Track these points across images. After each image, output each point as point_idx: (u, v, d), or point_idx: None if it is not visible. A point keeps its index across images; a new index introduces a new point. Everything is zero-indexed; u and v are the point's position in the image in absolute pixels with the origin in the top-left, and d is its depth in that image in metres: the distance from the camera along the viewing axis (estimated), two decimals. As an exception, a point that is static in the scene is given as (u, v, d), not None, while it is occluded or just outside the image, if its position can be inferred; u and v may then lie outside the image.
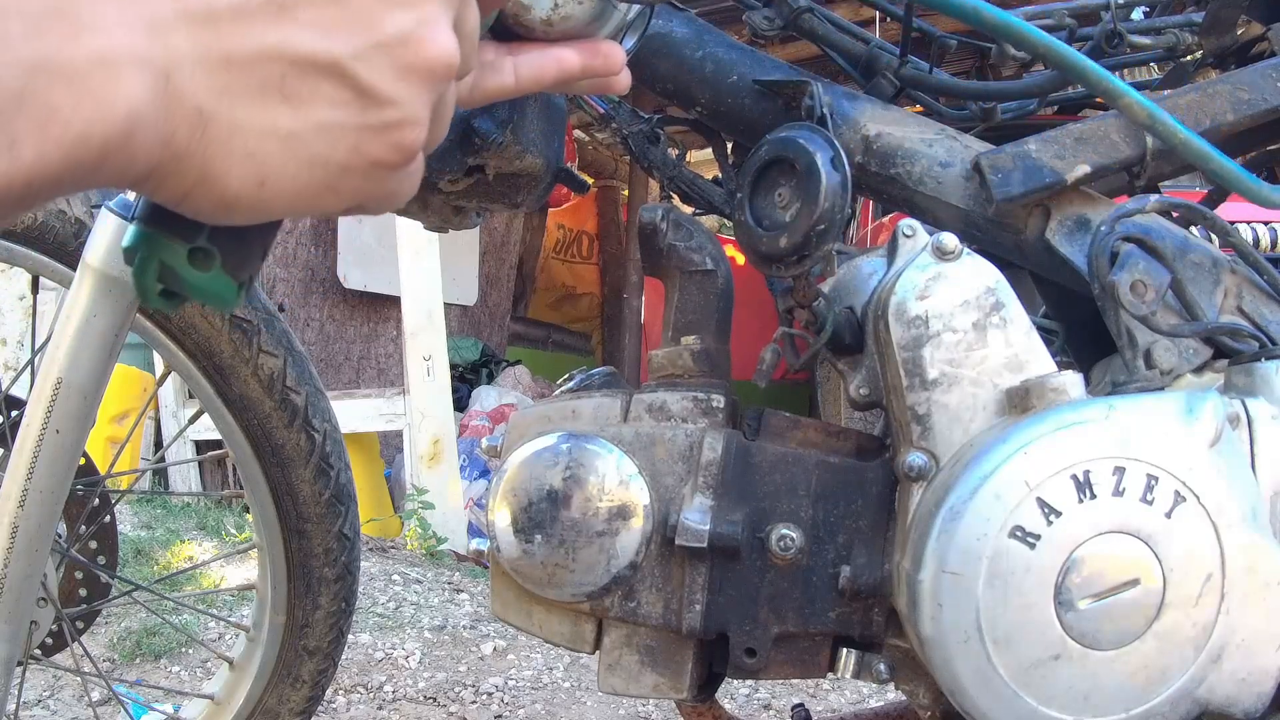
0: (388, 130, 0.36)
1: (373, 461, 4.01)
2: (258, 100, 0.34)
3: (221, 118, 0.33)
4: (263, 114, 0.34)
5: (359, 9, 0.35)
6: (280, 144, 0.35)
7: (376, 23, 0.35)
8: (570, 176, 0.88)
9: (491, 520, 0.77)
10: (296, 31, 0.34)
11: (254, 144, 0.34)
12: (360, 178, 0.37)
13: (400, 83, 0.36)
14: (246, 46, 0.33)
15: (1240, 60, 0.97)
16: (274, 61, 0.34)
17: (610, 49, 0.51)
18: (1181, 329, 0.79)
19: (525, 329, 6.81)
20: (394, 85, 0.36)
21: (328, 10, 0.34)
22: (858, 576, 0.76)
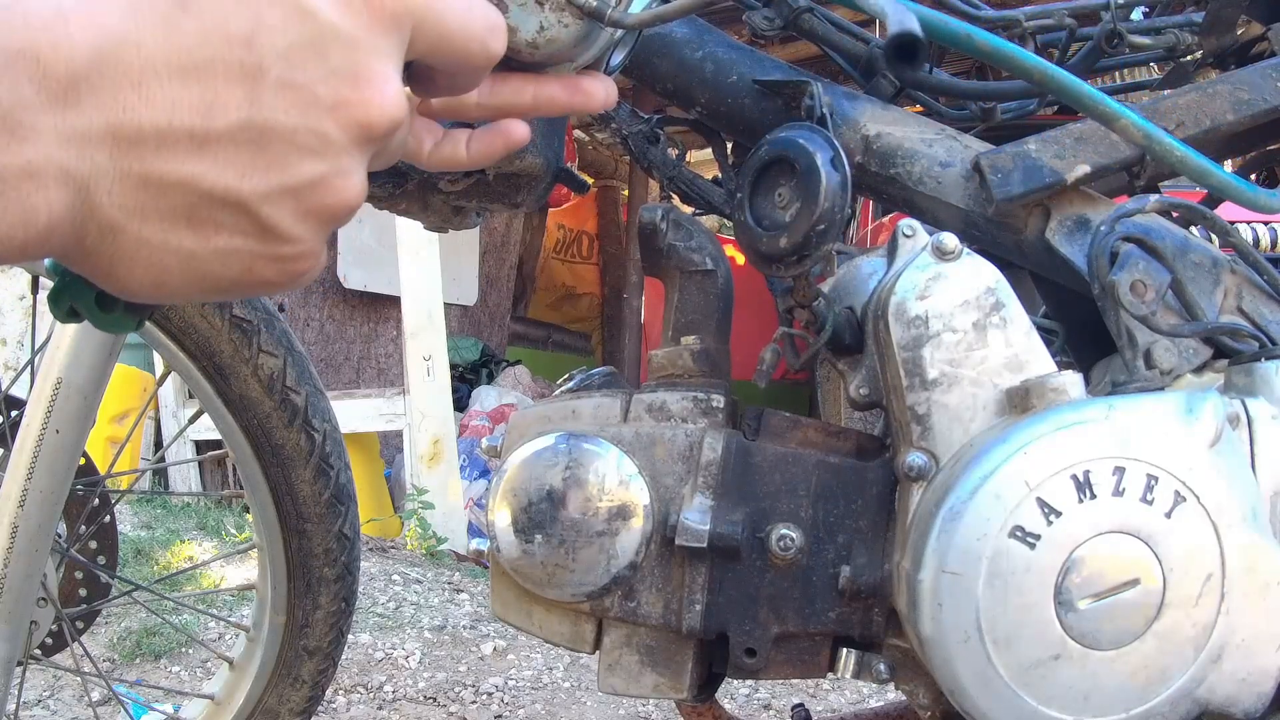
0: (282, 260, 0.39)
1: (373, 461, 4.01)
2: (165, 222, 0.36)
3: (130, 233, 0.36)
4: (168, 234, 0.36)
5: (275, 153, 0.36)
6: (180, 260, 0.37)
7: (290, 168, 0.37)
8: (570, 176, 0.88)
9: (491, 520, 0.77)
10: (212, 167, 0.36)
11: (156, 257, 0.36)
12: (252, 289, 0.40)
13: (302, 224, 0.38)
14: (164, 173, 0.35)
15: (1240, 60, 0.97)
16: (186, 191, 0.36)
17: (591, 84, 0.51)
18: (1181, 329, 0.79)
19: (525, 329, 6.81)
20: (296, 226, 0.38)
21: (245, 151, 0.36)
22: (858, 576, 0.76)
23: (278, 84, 0.36)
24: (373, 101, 0.38)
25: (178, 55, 0.34)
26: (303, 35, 0.36)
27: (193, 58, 0.35)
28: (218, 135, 0.35)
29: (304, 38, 0.36)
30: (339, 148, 0.38)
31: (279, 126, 0.36)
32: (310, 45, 0.36)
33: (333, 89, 0.37)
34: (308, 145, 0.37)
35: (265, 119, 0.36)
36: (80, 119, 0.34)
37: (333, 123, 0.37)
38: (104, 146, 0.34)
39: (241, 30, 0.35)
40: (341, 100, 0.37)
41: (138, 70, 0.34)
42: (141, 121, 0.34)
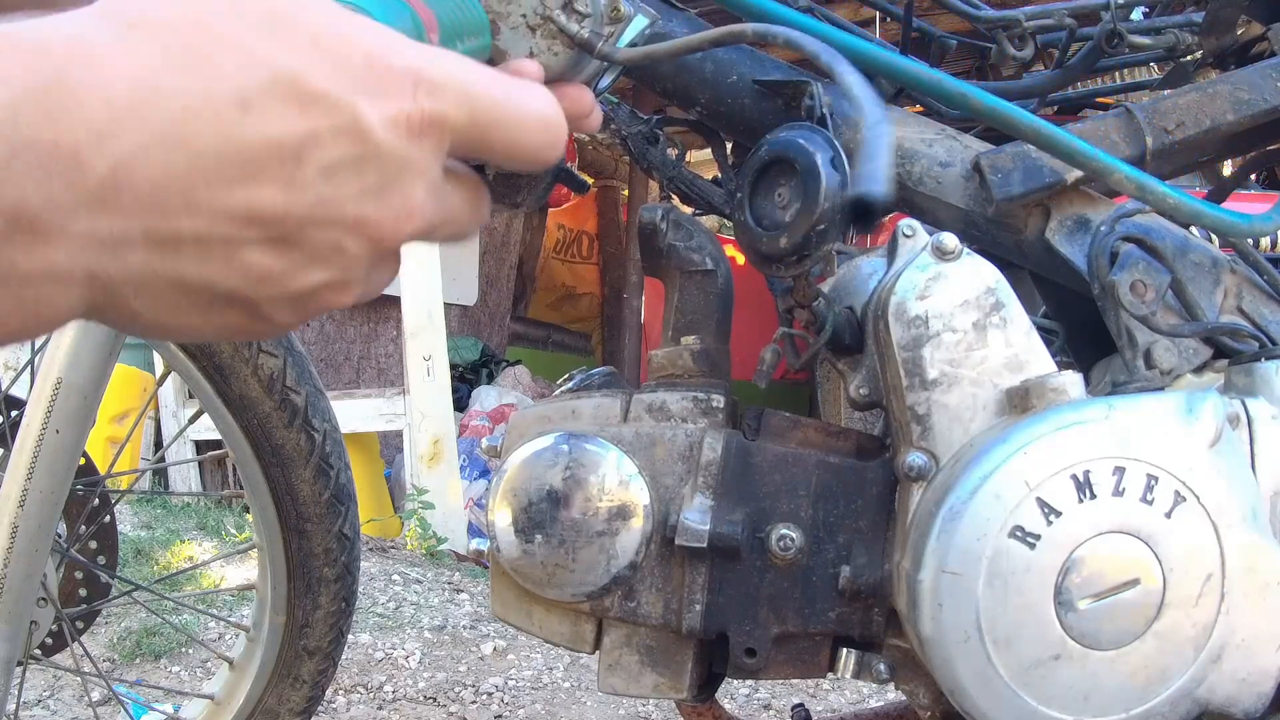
0: (259, 331, 0.39)
1: (373, 461, 4.01)
2: (179, 310, 0.36)
3: (144, 317, 0.36)
4: (178, 318, 0.36)
5: (291, 263, 0.36)
6: (179, 329, 0.37)
7: (300, 278, 0.37)
8: (570, 176, 0.88)
9: (491, 520, 0.77)
10: (234, 273, 0.35)
11: (159, 327, 0.37)
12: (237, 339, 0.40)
13: (298, 316, 0.39)
14: (192, 276, 0.35)
15: (1240, 60, 0.97)
16: (207, 291, 0.36)
17: (580, 94, 0.51)
18: (1181, 329, 0.79)
19: (525, 329, 6.81)
20: (291, 317, 0.39)
21: (266, 259, 0.36)
22: (858, 576, 0.76)
23: (314, 199, 0.35)
24: (392, 222, 0.37)
25: (230, 162, 0.33)
26: (350, 154, 0.35)
27: (244, 168, 0.33)
28: (248, 245, 0.35)
29: (350, 156, 0.35)
30: (350, 260, 0.38)
31: (302, 240, 0.36)
32: (353, 164, 0.36)
33: (359, 206, 0.36)
34: (324, 258, 0.37)
35: (292, 234, 0.36)
36: (116, 223, 0.32)
37: (352, 239, 0.37)
38: (138, 250, 0.33)
39: (295, 142, 0.34)
40: (364, 218, 0.37)
41: (185, 175, 0.33)
42: (182, 229, 0.33)
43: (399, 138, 0.36)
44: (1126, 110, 0.85)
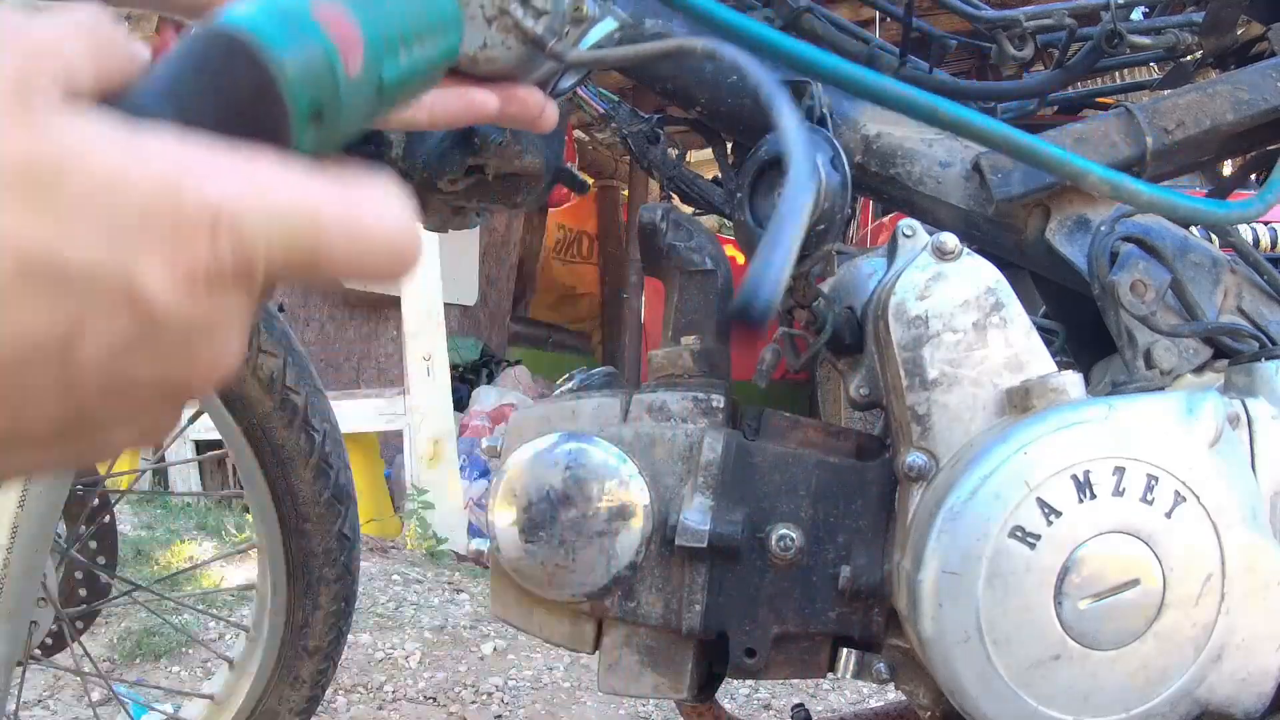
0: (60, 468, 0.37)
1: (373, 461, 4.01)
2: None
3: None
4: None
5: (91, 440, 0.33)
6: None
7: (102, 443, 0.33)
8: (570, 176, 0.88)
9: (491, 520, 0.77)
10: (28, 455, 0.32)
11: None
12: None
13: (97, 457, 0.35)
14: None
15: (1240, 60, 0.97)
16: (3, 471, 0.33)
17: (528, 96, 0.50)
18: (1181, 329, 0.79)
19: (525, 329, 6.81)
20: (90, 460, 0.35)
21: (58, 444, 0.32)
22: (858, 576, 0.76)
23: (97, 388, 0.30)
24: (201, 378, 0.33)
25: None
26: (133, 330, 0.30)
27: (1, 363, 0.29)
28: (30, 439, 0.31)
29: (134, 332, 0.30)
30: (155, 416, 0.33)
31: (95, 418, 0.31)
32: (140, 338, 0.30)
33: (160, 376, 0.32)
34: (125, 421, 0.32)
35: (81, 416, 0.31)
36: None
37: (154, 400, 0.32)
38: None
39: (57, 336, 0.29)
40: (167, 381, 0.32)
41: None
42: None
43: (193, 297, 0.31)
44: (1126, 110, 0.85)
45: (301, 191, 0.32)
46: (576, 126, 6.03)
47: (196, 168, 0.30)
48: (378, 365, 4.71)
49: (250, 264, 0.31)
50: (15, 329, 0.28)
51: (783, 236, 0.34)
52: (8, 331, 0.28)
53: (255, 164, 0.32)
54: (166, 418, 0.34)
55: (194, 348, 0.32)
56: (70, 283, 0.29)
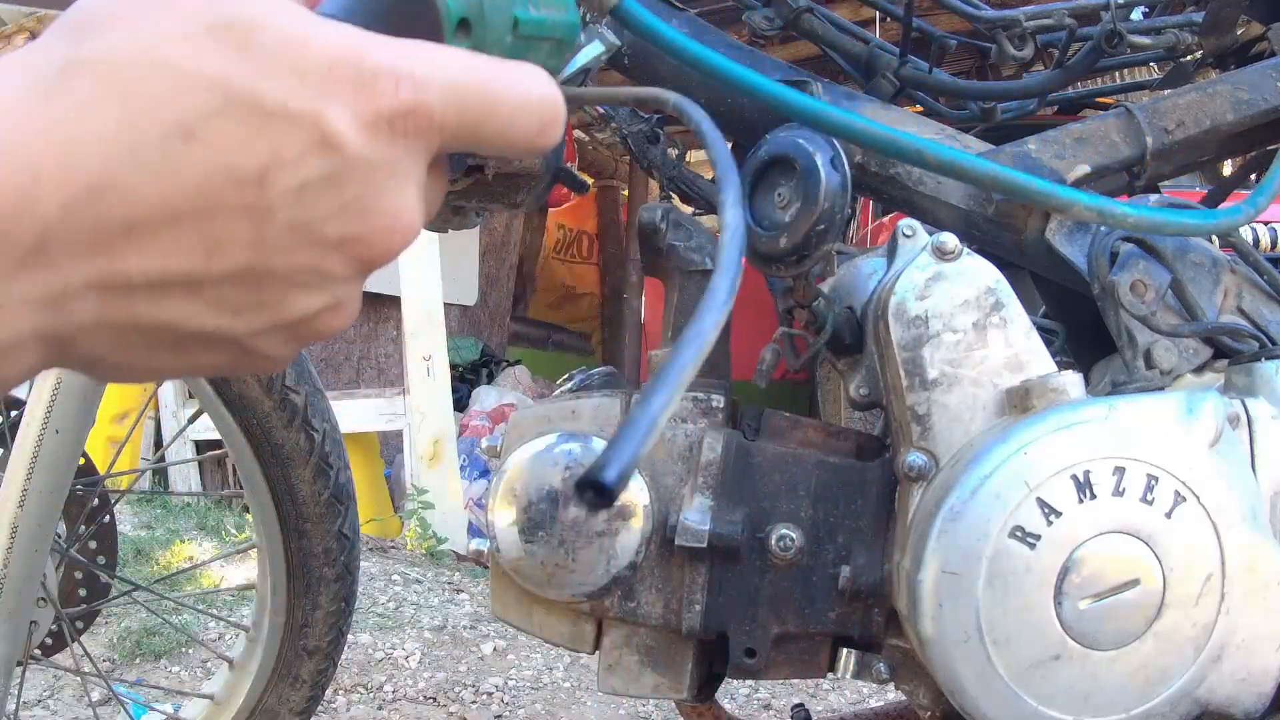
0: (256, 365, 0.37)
1: (373, 461, 4.01)
2: (149, 350, 0.34)
3: (109, 360, 0.33)
4: (150, 359, 0.34)
5: (273, 292, 0.33)
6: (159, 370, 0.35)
7: (286, 306, 0.34)
8: (570, 176, 0.88)
9: (491, 520, 0.77)
10: (205, 309, 0.33)
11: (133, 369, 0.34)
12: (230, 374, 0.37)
13: (287, 347, 0.36)
14: (154, 317, 0.32)
15: (1240, 60, 0.97)
16: (176, 331, 0.33)
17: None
18: (1181, 329, 0.79)
19: (525, 329, 6.81)
20: (281, 349, 0.36)
21: (241, 291, 0.33)
22: (858, 576, 0.76)
23: (286, 224, 0.32)
24: (381, 236, 0.34)
25: (177, 198, 0.30)
26: (320, 170, 0.32)
27: (193, 201, 0.30)
28: (215, 278, 0.32)
29: (321, 173, 0.32)
30: (338, 280, 0.35)
31: (280, 267, 0.33)
32: (325, 180, 0.32)
33: (341, 225, 0.33)
34: (307, 283, 0.34)
35: (267, 262, 0.33)
36: (56, 278, 0.30)
37: (337, 259, 0.34)
38: (87, 299, 0.30)
39: (254, 167, 0.31)
40: (349, 236, 0.34)
41: (125, 219, 0.30)
42: (131, 271, 0.31)
43: (379, 141, 0.33)
44: (1126, 110, 0.85)
45: (468, 61, 0.35)
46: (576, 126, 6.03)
47: (373, 39, 0.33)
48: (378, 365, 4.71)
49: (429, 117, 0.34)
50: (215, 157, 0.30)
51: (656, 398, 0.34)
52: (210, 158, 0.30)
53: (422, 44, 0.35)
54: (346, 291, 0.35)
55: (375, 197, 0.33)
56: (267, 119, 0.31)
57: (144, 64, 0.30)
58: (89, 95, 0.29)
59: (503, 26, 0.42)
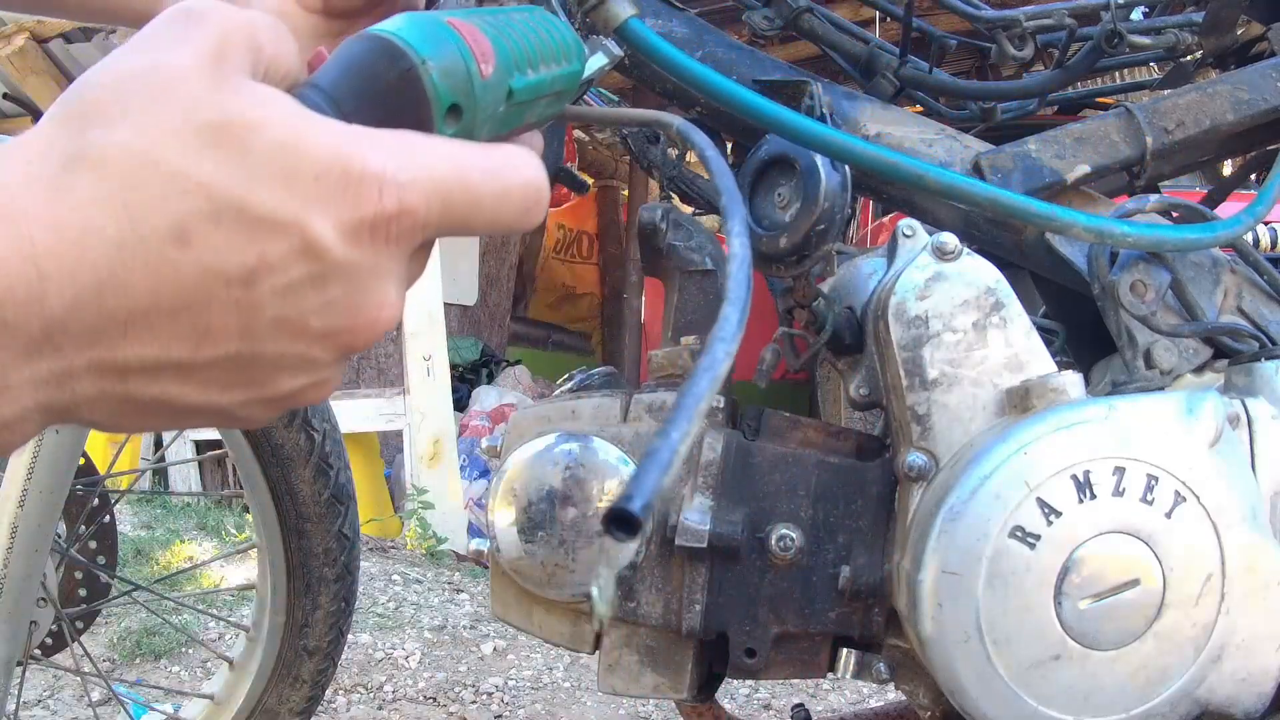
0: (241, 426, 0.39)
1: (373, 461, 4.01)
2: (142, 417, 0.36)
3: (106, 423, 0.35)
4: (143, 423, 0.36)
5: (259, 374, 0.36)
6: (154, 428, 0.37)
7: (271, 385, 0.36)
8: (570, 176, 0.88)
9: (491, 520, 0.77)
10: (194, 389, 0.35)
11: (130, 428, 0.36)
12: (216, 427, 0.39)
13: (270, 413, 0.38)
14: (146, 394, 0.34)
15: (1240, 60, 0.97)
16: (168, 406, 0.35)
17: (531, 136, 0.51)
18: (1181, 329, 0.79)
19: (525, 329, 6.80)
20: (265, 415, 0.38)
21: (229, 374, 0.35)
22: (858, 576, 0.76)
23: (272, 319, 0.34)
24: (363, 328, 0.36)
25: (170, 296, 0.32)
26: (304, 273, 0.34)
27: (186, 297, 0.32)
28: (204, 364, 0.34)
29: (305, 275, 0.34)
30: (322, 365, 0.37)
31: (267, 354, 0.35)
32: (310, 281, 0.34)
33: (325, 320, 0.35)
34: (293, 366, 0.36)
35: (254, 350, 0.35)
36: (58, 362, 0.32)
37: (320, 348, 0.36)
38: (86, 380, 0.33)
39: (241, 269, 0.33)
40: (332, 329, 0.36)
41: (124, 314, 0.32)
42: (127, 357, 0.33)
43: (362, 246, 0.35)
44: (1126, 110, 0.85)
45: (453, 156, 0.37)
46: (576, 127, 6.03)
47: (362, 141, 0.35)
48: (378, 365, 4.71)
49: (413, 219, 0.35)
50: (206, 260, 0.32)
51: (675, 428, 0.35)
52: (201, 261, 0.32)
53: (410, 138, 0.36)
54: (329, 371, 0.38)
55: (358, 296, 0.35)
56: (255, 226, 0.33)
57: (142, 167, 0.32)
58: (91, 196, 0.31)
59: (495, 102, 0.42)
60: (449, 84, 0.39)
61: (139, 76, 0.33)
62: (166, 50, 0.34)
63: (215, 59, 0.34)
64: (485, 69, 0.40)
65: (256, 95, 0.34)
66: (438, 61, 0.38)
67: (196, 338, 0.33)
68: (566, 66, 0.48)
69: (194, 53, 0.34)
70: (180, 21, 0.35)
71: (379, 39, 0.38)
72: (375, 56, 0.38)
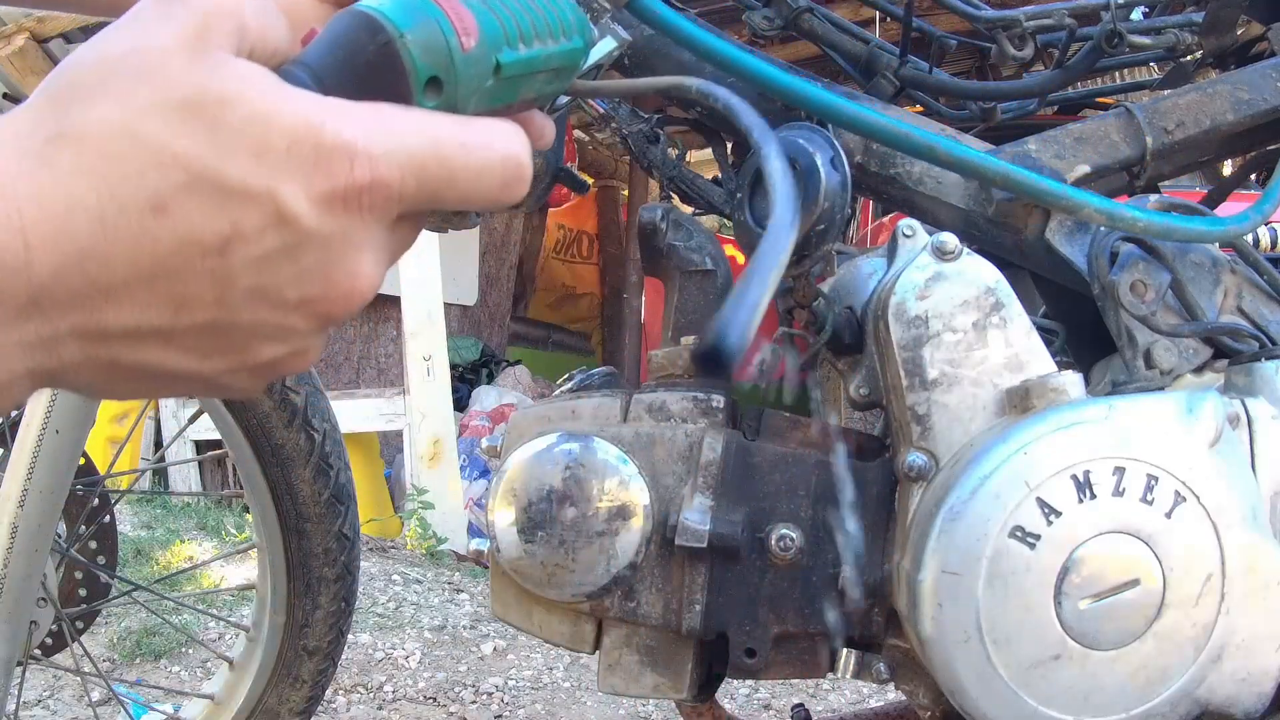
0: (228, 395, 0.41)
1: (373, 461, 4.01)
2: (129, 382, 0.37)
3: (95, 388, 0.37)
4: (130, 388, 0.38)
5: (238, 341, 0.37)
6: (142, 395, 0.39)
7: (250, 352, 0.38)
8: (570, 176, 0.88)
9: (491, 520, 0.77)
10: (176, 354, 0.36)
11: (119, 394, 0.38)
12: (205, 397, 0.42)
13: (254, 382, 0.39)
14: (130, 359, 0.36)
15: (1240, 60, 0.97)
16: (151, 370, 0.37)
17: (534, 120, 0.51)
18: (1181, 329, 0.79)
19: (525, 329, 6.80)
20: (251, 384, 0.39)
21: (208, 340, 0.36)
22: (857, 576, 0.76)
23: (247, 288, 0.35)
24: (339, 298, 0.37)
25: (148, 264, 0.34)
26: (277, 243, 0.35)
27: (163, 265, 0.34)
28: (183, 330, 0.36)
29: (278, 245, 0.35)
30: (301, 334, 0.38)
31: (244, 322, 0.36)
32: (283, 251, 0.35)
33: (301, 289, 0.36)
34: (271, 335, 0.37)
35: (231, 318, 0.36)
36: (45, 327, 0.33)
37: (297, 317, 0.37)
38: (72, 344, 0.34)
39: (216, 238, 0.34)
40: (308, 298, 0.37)
41: (105, 281, 0.34)
42: (109, 323, 0.34)
43: (334, 216, 0.36)
44: (1126, 110, 0.85)
45: (426, 126, 0.37)
46: (576, 126, 6.03)
47: (335, 112, 0.35)
48: (378, 365, 4.71)
49: (385, 190, 0.36)
50: (182, 229, 0.34)
51: (758, 276, 0.36)
52: (177, 230, 0.34)
53: (386, 110, 0.37)
54: (309, 341, 0.39)
55: (332, 265, 0.36)
56: (228, 197, 0.34)
57: (121, 140, 0.33)
58: (73, 169, 0.33)
59: (480, 76, 0.42)
60: (428, 57, 0.39)
61: (122, 56, 0.34)
62: (150, 30, 0.35)
63: (197, 37, 0.35)
64: (467, 42, 0.41)
65: (234, 70, 0.35)
66: (416, 35, 0.39)
67: (174, 305, 0.35)
68: (565, 43, 0.48)
69: (176, 32, 0.34)
70: (165, 3, 0.35)
71: (360, 14, 0.39)
72: (356, 31, 0.38)
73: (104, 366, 0.36)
